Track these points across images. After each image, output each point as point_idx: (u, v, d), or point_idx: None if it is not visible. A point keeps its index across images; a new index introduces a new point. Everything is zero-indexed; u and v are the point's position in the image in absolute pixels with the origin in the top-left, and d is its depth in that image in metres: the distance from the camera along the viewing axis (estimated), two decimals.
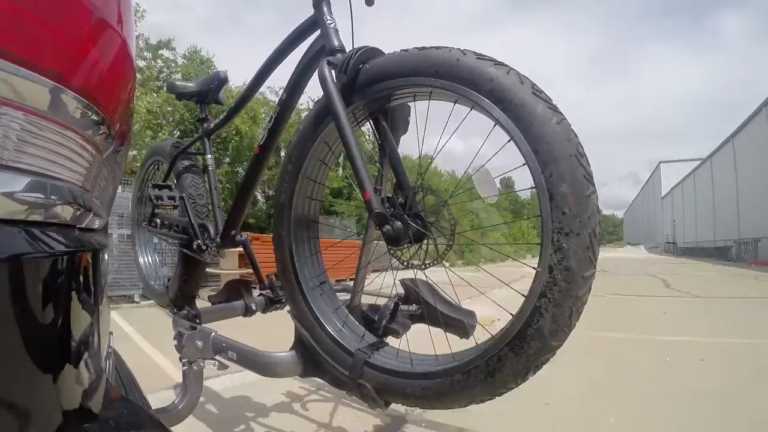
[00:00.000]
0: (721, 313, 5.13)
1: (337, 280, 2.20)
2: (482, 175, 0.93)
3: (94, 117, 0.45)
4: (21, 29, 0.36)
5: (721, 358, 2.95)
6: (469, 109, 0.86)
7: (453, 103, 0.89)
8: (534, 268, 0.76)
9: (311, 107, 1.13)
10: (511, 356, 0.78)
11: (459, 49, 0.85)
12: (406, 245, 0.93)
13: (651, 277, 10.19)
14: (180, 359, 1.34)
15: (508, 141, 0.79)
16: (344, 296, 1.22)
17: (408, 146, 1.18)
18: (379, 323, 1.05)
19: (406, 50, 0.92)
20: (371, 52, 0.99)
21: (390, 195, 0.99)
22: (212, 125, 1.68)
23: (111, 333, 0.69)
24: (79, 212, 0.46)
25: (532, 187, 0.77)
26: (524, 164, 0.77)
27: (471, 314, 0.98)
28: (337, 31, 1.08)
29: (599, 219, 0.74)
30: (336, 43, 1.06)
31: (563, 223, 0.72)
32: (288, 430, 1.71)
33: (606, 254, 25.90)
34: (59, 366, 0.42)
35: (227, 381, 2.23)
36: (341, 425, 1.76)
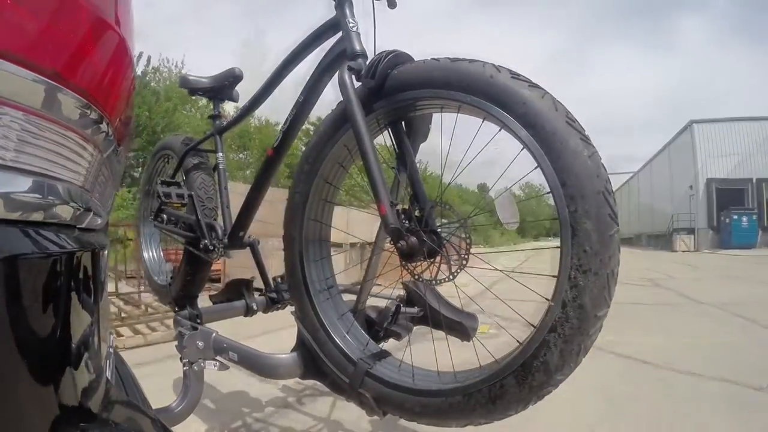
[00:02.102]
0: (622, 276, 8.19)
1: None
2: (504, 200, 0.91)
3: (94, 116, 0.44)
4: (20, 29, 0.36)
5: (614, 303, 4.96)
6: (498, 129, 0.83)
7: (481, 120, 0.86)
8: (546, 299, 0.75)
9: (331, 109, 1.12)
10: (514, 385, 0.77)
11: (493, 65, 0.82)
12: (419, 261, 0.92)
13: None
14: (180, 359, 1.34)
15: (535, 168, 0.76)
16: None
17: (427, 154, 1.16)
18: (381, 326, 1.05)
19: (437, 59, 0.89)
20: (400, 57, 0.95)
21: (406, 207, 0.97)
22: (224, 123, 1.65)
23: (111, 333, 0.69)
24: (79, 212, 0.46)
25: (554, 218, 0.75)
26: (548, 193, 0.75)
27: (473, 317, 0.98)
28: (359, 34, 1.04)
29: (618, 259, 0.73)
30: (358, 47, 1.02)
31: (583, 260, 0.71)
32: (293, 425, 1.71)
33: (550, 243, 32.90)
34: (59, 366, 0.42)
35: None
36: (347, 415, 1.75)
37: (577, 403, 1.80)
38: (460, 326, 0.96)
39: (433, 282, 0.92)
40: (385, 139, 1.06)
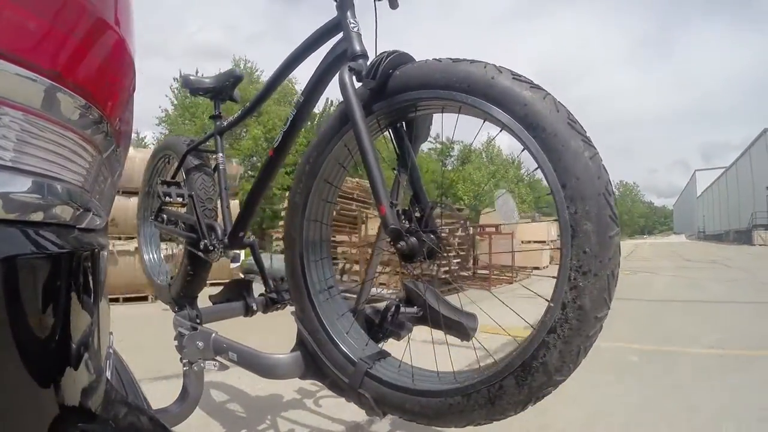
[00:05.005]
0: (695, 258, 13.47)
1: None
2: (504, 200, 0.91)
3: (93, 116, 0.44)
4: (20, 29, 0.36)
5: (683, 267, 10.52)
6: (499, 129, 0.83)
7: (483, 121, 0.86)
8: (547, 300, 0.75)
9: (332, 110, 1.11)
10: (514, 386, 0.77)
11: (495, 66, 0.82)
12: (419, 262, 0.92)
13: (670, 248, 21.25)
14: (180, 359, 1.34)
15: (536, 169, 0.76)
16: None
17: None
18: (381, 325, 1.05)
19: (438, 60, 0.88)
20: (402, 58, 0.94)
21: (406, 208, 0.97)
22: (225, 123, 1.64)
23: (111, 333, 0.69)
24: (78, 212, 0.46)
25: (548, 194, 0.75)
26: (549, 194, 0.75)
27: (472, 317, 0.98)
28: (360, 35, 1.04)
29: (619, 260, 0.73)
30: (358, 47, 1.02)
31: (582, 261, 0.71)
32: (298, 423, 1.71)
33: (653, 240, 45.06)
34: (59, 366, 0.42)
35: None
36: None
37: (658, 277, 8.24)
38: (459, 326, 0.96)
39: (435, 283, 0.92)
40: (385, 140, 1.06)
